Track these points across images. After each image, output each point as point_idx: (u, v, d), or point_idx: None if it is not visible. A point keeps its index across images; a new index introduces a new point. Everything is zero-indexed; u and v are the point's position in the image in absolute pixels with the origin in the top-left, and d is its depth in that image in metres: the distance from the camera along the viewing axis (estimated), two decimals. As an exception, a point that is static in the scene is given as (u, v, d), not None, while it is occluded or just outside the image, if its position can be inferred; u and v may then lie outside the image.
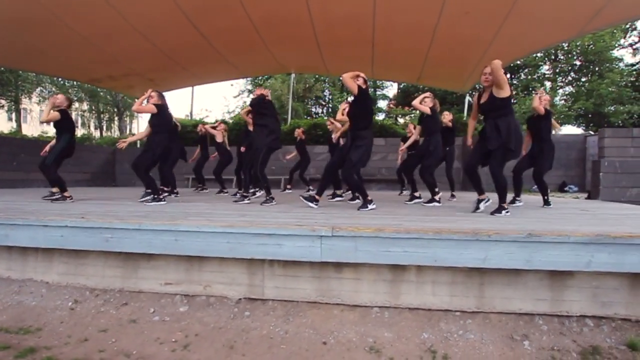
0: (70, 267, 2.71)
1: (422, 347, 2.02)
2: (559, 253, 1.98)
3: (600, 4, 5.58)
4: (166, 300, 2.49)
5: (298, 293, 2.38)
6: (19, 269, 2.82)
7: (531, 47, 8.03)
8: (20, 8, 6.38)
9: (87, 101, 23.07)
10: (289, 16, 7.26)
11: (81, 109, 24.41)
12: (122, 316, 2.35)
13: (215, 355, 1.95)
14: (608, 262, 1.97)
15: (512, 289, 2.22)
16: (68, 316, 2.37)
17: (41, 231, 2.49)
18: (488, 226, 2.29)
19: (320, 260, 2.16)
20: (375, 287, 2.32)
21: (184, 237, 2.28)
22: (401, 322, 2.22)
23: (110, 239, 2.38)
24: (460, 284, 2.26)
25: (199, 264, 2.50)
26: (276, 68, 11.39)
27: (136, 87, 11.50)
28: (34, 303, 2.54)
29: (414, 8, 6.53)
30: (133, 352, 1.98)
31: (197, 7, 6.87)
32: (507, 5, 6.07)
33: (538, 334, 2.12)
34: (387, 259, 2.11)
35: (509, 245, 2.00)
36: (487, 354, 1.98)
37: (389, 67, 9.87)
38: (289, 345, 2.04)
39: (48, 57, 8.66)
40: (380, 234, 2.07)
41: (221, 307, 2.41)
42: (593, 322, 2.18)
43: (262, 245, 2.18)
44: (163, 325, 2.25)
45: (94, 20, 6.91)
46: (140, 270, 2.58)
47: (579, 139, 8.37)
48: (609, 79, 16.18)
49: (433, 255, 2.06)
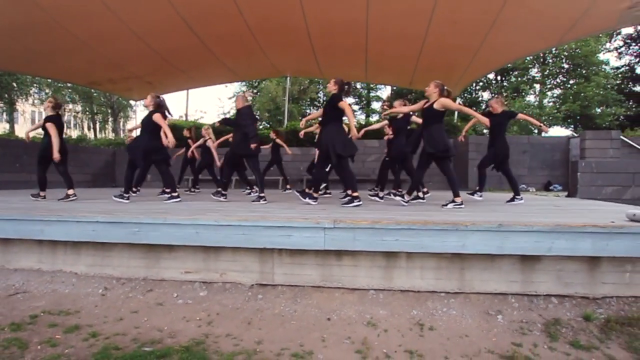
0: (97, 259, 3.01)
1: (412, 322, 2.38)
2: (525, 240, 2.35)
3: (576, 17, 6.03)
4: (187, 287, 2.81)
5: (304, 278, 2.72)
6: (49, 262, 3.11)
7: (515, 54, 8.48)
8: (21, 13, 6.56)
9: (80, 103, 23.09)
10: (285, 23, 7.59)
11: (75, 110, 24.45)
12: (149, 300, 2.67)
13: (235, 329, 2.28)
14: (566, 247, 2.34)
15: (489, 273, 2.59)
16: (100, 301, 2.68)
17: (75, 226, 2.79)
18: (466, 218, 2.66)
19: (323, 248, 2.50)
20: (371, 273, 2.67)
21: (204, 230, 2.60)
22: (394, 302, 2.57)
23: (137, 232, 2.70)
24: (444, 268, 2.62)
25: (215, 254, 2.82)
26: (272, 72, 11.72)
27: (135, 89, 11.74)
28: (67, 291, 2.84)
29: (405, 17, 6.92)
30: (164, 328, 2.30)
31: (195, 13, 7.15)
32: (492, 16, 6.49)
33: (510, 310, 2.49)
34: (381, 246, 2.46)
35: (483, 234, 2.37)
36: (467, 325, 2.35)
37: (382, 72, 10.27)
38: (298, 321, 2.38)
39: (48, 61, 8.86)
40: (375, 225, 2.42)
41: (236, 291, 2.74)
42: (557, 299, 2.56)
43: (273, 237, 2.52)
44: (187, 307, 2.57)
45: (93, 24, 7.12)
46: (162, 260, 2.90)
47: (562, 141, 8.84)
48: (595, 82, 16.80)
49: (420, 243, 2.42)
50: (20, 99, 14.71)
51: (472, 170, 8.80)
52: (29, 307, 2.60)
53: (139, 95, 12.43)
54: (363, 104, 26.51)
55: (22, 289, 2.87)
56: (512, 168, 8.69)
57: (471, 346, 2.13)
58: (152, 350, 1.98)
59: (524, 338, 2.21)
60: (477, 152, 8.91)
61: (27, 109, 23.55)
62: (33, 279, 3.00)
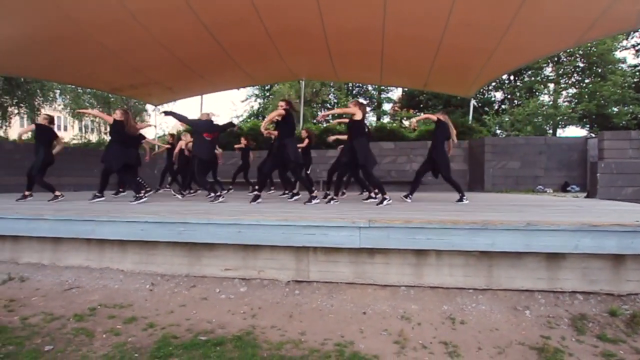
0: (142, 257, 3.23)
1: (443, 316, 2.52)
2: (552, 238, 2.47)
3: (595, 16, 6.05)
4: (227, 283, 3.00)
5: (337, 275, 2.89)
6: (97, 259, 3.35)
7: (532, 56, 8.50)
8: (54, 24, 6.92)
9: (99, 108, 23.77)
10: (304, 29, 7.79)
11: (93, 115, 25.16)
12: (194, 295, 2.87)
13: (278, 321, 2.45)
14: (592, 245, 2.45)
15: (516, 270, 2.71)
16: (149, 295, 2.89)
17: (124, 226, 3.01)
18: (495, 217, 2.78)
19: (359, 246, 2.66)
20: (402, 270, 2.81)
21: (246, 229, 2.78)
22: (425, 297, 2.71)
23: (183, 232, 2.90)
24: (472, 266, 2.75)
25: (254, 252, 3.01)
26: (287, 75, 11.93)
27: (154, 94, 12.14)
28: (117, 286, 3.06)
29: (421, 21, 7.04)
30: (213, 320, 2.49)
31: (217, 21, 7.41)
32: (508, 17, 6.55)
33: (537, 305, 2.60)
34: (413, 244, 2.60)
35: (512, 232, 2.49)
36: (496, 320, 2.47)
37: (396, 75, 10.37)
38: (336, 315, 2.54)
39: (75, 69, 9.28)
40: (408, 224, 2.57)
41: (274, 287, 2.92)
42: (582, 296, 2.66)
43: (311, 235, 2.69)
44: (230, 302, 2.76)
45: (120, 34, 7.46)
46: (204, 258, 3.10)
47: (580, 141, 8.80)
48: (612, 81, 16.52)
49: (451, 242, 2.56)
50: (44, 105, 15.29)
51: (488, 171, 8.85)
52: (85, 300, 2.83)
53: (158, 100, 12.85)
54: (374, 105, 26.58)
55: (76, 285, 3.10)
56: (529, 168, 8.76)
57: (502, 338, 2.26)
58: (208, 339, 2.17)
59: (552, 332, 2.33)
60: (492, 154, 8.95)
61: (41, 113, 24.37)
62: (83, 275, 3.24)
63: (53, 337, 2.22)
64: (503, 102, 22.45)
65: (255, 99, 25.93)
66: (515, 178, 8.80)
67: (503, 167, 8.84)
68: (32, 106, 15.77)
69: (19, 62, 8.55)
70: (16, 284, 3.18)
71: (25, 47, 7.59)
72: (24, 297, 2.90)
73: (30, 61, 8.44)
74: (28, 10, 6.44)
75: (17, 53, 7.84)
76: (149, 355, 1.99)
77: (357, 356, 2.01)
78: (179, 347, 2.07)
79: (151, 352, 2.03)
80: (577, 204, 4.67)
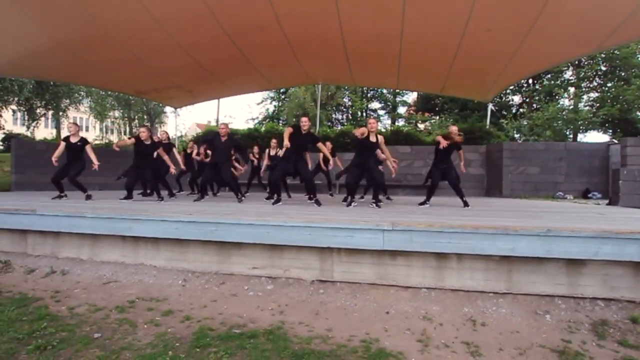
0: (174, 254, 3.42)
1: (464, 318, 2.60)
2: (572, 245, 2.52)
3: (618, 22, 6.00)
4: (254, 281, 3.16)
5: (360, 276, 3.00)
6: (131, 256, 3.56)
7: (550, 61, 8.43)
8: (83, 29, 7.27)
9: (119, 110, 24.54)
10: (323, 35, 7.94)
11: (114, 117, 26.00)
12: (224, 291, 3.03)
13: (305, 318, 2.59)
14: (612, 252, 2.50)
15: (536, 275, 2.77)
16: (182, 291, 3.07)
17: (160, 225, 3.21)
18: (515, 223, 2.85)
19: (382, 248, 2.77)
20: (423, 272, 2.91)
21: (275, 230, 2.93)
22: (446, 299, 2.80)
23: (215, 231, 3.07)
24: (493, 270, 2.82)
25: (280, 252, 3.15)
26: (304, 79, 12.13)
27: (175, 98, 12.54)
28: (151, 281, 3.25)
29: (440, 27, 7.09)
30: (243, 314, 2.64)
31: (239, 29, 7.65)
32: (529, 23, 6.54)
33: (557, 310, 2.66)
34: (435, 247, 2.70)
35: (532, 238, 2.56)
36: (516, 323, 2.54)
37: (413, 79, 10.42)
38: (360, 314, 2.65)
39: (103, 73, 9.68)
40: (430, 228, 2.67)
41: (299, 286, 3.06)
42: (603, 302, 2.70)
43: (336, 237, 2.82)
44: (258, 298, 2.91)
45: (145, 40, 7.79)
46: (232, 257, 3.26)
47: (601, 147, 8.67)
48: (636, 85, 16.12)
49: (471, 245, 2.64)
50: (70, 107, 15.97)
51: (506, 176, 8.80)
52: (123, 293, 3.03)
53: (179, 102, 13.27)
54: (389, 109, 26.57)
55: (113, 279, 3.31)
56: (548, 174, 8.67)
57: (523, 341, 2.33)
58: (242, 332, 2.32)
59: (573, 336, 2.38)
60: (511, 159, 8.90)
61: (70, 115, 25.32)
62: (120, 270, 3.45)
63: (100, 326, 2.41)
64: (521, 106, 22.13)
65: (270, 102, 26.31)
66: (534, 184, 8.73)
67: (522, 173, 8.77)
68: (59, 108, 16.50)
69: (49, 66, 8.99)
70: (58, 276, 3.41)
71: (54, 52, 7.98)
72: (67, 289, 3.12)
73: (59, 65, 8.87)
74: (58, 15, 6.80)
75: (47, 57, 8.25)
76: (189, 345, 2.15)
77: (383, 352, 2.12)
78: (216, 339, 2.23)
79: (191, 342, 2.19)
80: (598, 211, 4.66)
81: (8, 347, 2.09)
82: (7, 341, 2.17)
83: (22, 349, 2.09)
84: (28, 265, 3.66)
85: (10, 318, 2.48)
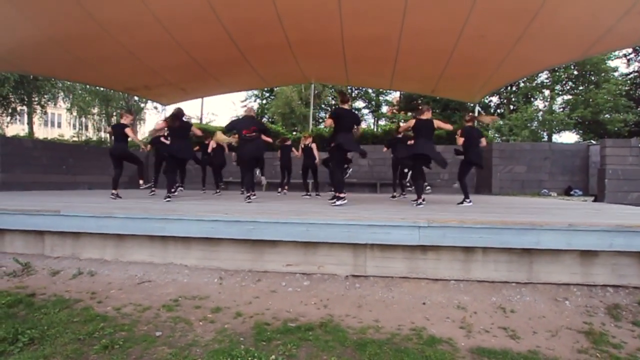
0: (206, 253, 3.47)
1: (494, 306, 2.83)
2: (590, 238, 2.81)
3: (601, 33, 6.48)
4: (289, 278, 3.27)
5: (392, 270, 3.18)
6: (160, 255, 3.58)
7: (538, 66, 8.93)
8: (76, 24, 7.04)
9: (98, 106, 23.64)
10: (323, 37, 8.07)
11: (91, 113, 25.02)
12: (262, 288, 3.13)
13: (350, 310, 2.73)
14: (623, 244, 2.80)
15: (553, 265, 3.04)
16: (220, 289, 3.14)
17: (195, 225, 3.26)
18: (540, 219, 3.12)
19: (418, 244, 2.96)
20: (452, 265, 3.12)
21: (314, 228, 3.06)
22: (474, 290, 3.03)
23: (252, 230, 3.16)
24: (515, 262, 3.08)
25: (314, 249, 3.28)
26: (299, 78, 12.20)
27: (166, 95, 12.30)
28: (186, 280, 3.30)
29: (438, 33, 7.38)
30: (290, 309, 2.75)
31: (240, 28, 7.64)
32: (520, 30, 6.94)
33: (574, 297, 2.94)
34: (468, 242, 2.92)
35: (556, 232, 2.82)
36: (541, 309, 2.80)
37: (407, 81, 10.74)
38: (399, 305, 2.83)
39: (92, 69, 9.39)
40: (463, 224, 2.88)
41: (334, 281, 3.20)
42: (613, 289, 3.01)
43: (375, 234, 2.98)
44: (298, 294, 3.03)
45: (141, 35, 7.62)
46: (266, 254, 3.36)
47: (582, 148, 9.30)
48: (605, 89, 17.22)
49: (501, 240, 2.88)
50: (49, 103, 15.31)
51: (495, 175, 9.26)
52: (162, 293, 3.06)
53: (169, 100, 13.00)
54: (373, 108, 27.01)
55: (146, 279, 3.33)
56: (534, 173, 9.19)
57: (551, 324, 2.58)
58: (298, 326, 2.44)
59: (592, 319, 2.66)
60: (499, 158, 9.37)
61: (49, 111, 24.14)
62: (150, 270, 3.46)
63: (155, 325, 2.46)
64: (499, 106, 23.10)
65: (254, 99, 26.15)
66: (521, 182, 9.24)
67: (510, 172, 9.26)
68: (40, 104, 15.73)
69: (37, 60, 8.64)
70: (86, 277, 3.39)
71: (46, 46, 7.70)
72: (102, 290, 3.12)
73: (50, 60, 8.54)
74: (51, 9, 6.56)
75: (36, 52, 7.94)
76: (254, 339, 2.25)
77: (435, 339, 2.30)
78: (276, 332, 2.34)
79: (253, 336, 2.29)
80: (591, 207, 5.06)
81: (74, 348, 2.12)
82: (69, 342, 2.19)
83: (88, 349, 2.12)
84: (50, 267, 3.60)
85: (61, 320, 2.48)
